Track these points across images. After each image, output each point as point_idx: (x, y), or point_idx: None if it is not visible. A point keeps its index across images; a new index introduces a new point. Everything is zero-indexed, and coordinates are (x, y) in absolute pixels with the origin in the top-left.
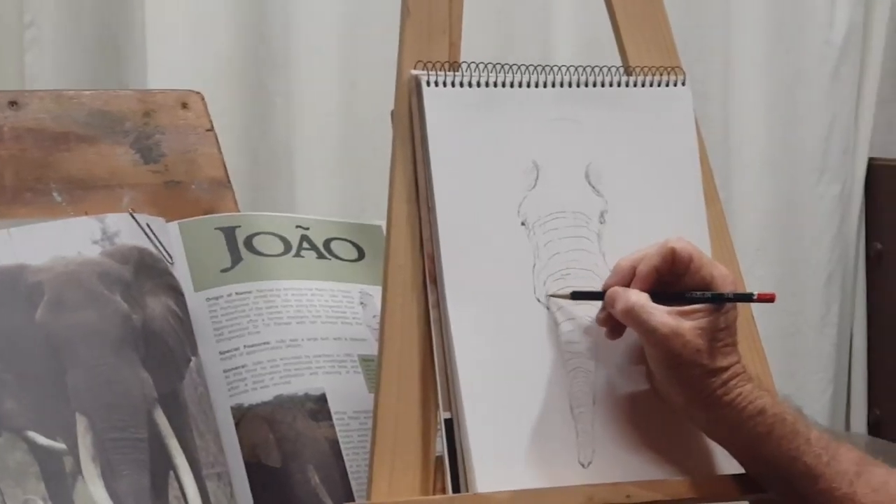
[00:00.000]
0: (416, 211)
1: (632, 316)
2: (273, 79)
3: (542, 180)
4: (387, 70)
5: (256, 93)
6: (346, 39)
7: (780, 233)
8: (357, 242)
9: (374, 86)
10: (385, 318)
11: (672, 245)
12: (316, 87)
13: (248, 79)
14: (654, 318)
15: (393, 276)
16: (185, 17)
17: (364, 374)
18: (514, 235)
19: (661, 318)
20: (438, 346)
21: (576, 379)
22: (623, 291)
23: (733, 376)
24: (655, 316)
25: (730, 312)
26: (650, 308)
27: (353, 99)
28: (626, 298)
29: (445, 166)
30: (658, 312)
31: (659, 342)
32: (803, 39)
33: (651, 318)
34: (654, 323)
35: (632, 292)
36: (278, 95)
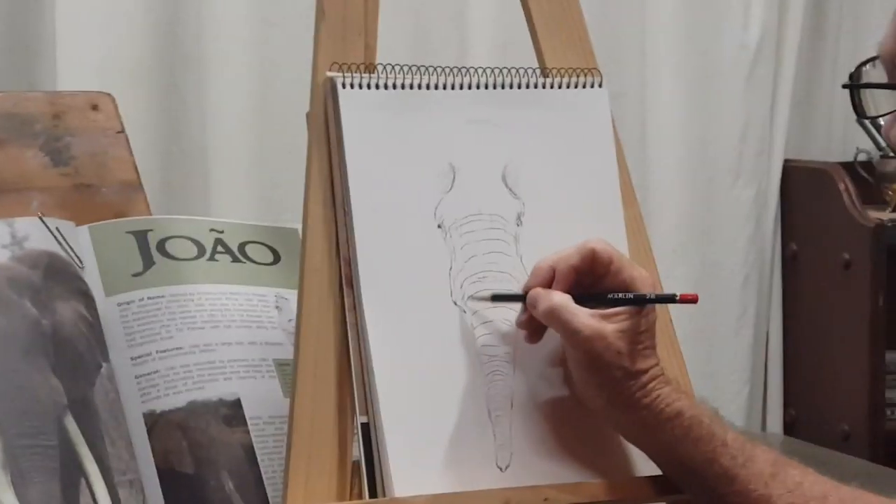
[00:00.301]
0: (332, 214)
1: (554, 317)
2: (186, 79)
3: (459, 182)
4: (302, 71)
5: (169, 93)
6: (261, 40)
7: (697, 234)
8: (272, 246)
9: (290, 86)
10: (301, 321)
11: (592, 245)
12: (230, 87)
13: (160, 79)
14: (577, 319)
15: (309, 279)
16: (96, 17)
17: (279, 378)
18: (430, 238)
19: (584, 319)
20: (355, 350)
21: (493, 382)
22: (545, 292)
23: (652, 379)
24: (578, 317)
25: (650, 315)
26: (573, 309)
27: (268, 100)
28: (548, 299)
29: (361, 169)
30: (581, 314)
31: (581, 344)
32: (718, 41)
33: (574, 319)
34: (577, 324)
35: (554, 293)
36: (191, 96)
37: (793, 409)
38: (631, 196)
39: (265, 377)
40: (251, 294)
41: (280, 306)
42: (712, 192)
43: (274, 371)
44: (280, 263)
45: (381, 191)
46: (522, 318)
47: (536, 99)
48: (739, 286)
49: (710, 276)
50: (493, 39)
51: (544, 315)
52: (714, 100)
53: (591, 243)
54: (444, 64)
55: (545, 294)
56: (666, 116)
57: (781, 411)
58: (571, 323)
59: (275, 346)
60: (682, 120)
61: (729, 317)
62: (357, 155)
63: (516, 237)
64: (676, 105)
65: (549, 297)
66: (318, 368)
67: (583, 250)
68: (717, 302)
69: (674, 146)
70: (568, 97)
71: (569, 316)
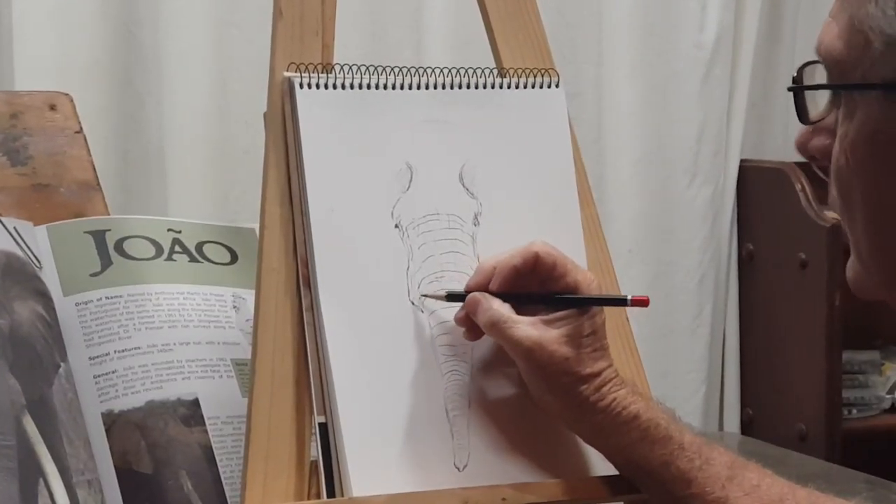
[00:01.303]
0: (289, 214)
1: (494, 329)
2: (143, 79)
3: (416, 182)
4: (260, 70)
5: (126, 93)
6: (218, 39)
7: (653, 234)
8: (230, 245)
9: (247, 86)
10: (258, 321)
11: (535, 249)
12: (188, 87)
13: (117, 78)
14: (517, 331)
15: (266, 279)
16: (53, 16)
17: (237, 378)
18: (388, 238)
19: (524, 330)
20: (312, 350)
21: (451, 382)
22: (485, 301)
23: (605, 382)
24: (519, 329)
25: (596, 316)
26: (512, 321)
27: (226, 99)
28: (488, 312)
29: (319, 169)
30: (521, 325)
31: (524, 354)
32: (675, 41)
33: (514, 331)
34: (517, 336)
35: (494, 302)
36: (149, 95)
37: (750, 408)
38: (588, 196)
39: (223, 377)
40: (209, 294)
41: (238, 306)
42: (669, 192)
43: (232, 371)
44: (237, 263)
45: (338, 190)
46: (460, 316)
47: (493, 99)
48: (696, 286)
49: (666, 276)
50: (451, 39)
51: (484, 327)
52: (670, 100)
53: (535, 247)
54: (401, 64)
55: (485, 303)
56: (622, 116)
57: (738, 411)
58: (512, 335)
59: (233, 345)
60: (638, 120)
61: (685, 316)
62: (314, 155)
63: (473, 237)
64: (633, 105)
65: (489, 310)
66: (275, 368)
67: (526, 253)
68: (674, 301)
69: (630, 146)
70: (525, 97)
71: (507, 329)
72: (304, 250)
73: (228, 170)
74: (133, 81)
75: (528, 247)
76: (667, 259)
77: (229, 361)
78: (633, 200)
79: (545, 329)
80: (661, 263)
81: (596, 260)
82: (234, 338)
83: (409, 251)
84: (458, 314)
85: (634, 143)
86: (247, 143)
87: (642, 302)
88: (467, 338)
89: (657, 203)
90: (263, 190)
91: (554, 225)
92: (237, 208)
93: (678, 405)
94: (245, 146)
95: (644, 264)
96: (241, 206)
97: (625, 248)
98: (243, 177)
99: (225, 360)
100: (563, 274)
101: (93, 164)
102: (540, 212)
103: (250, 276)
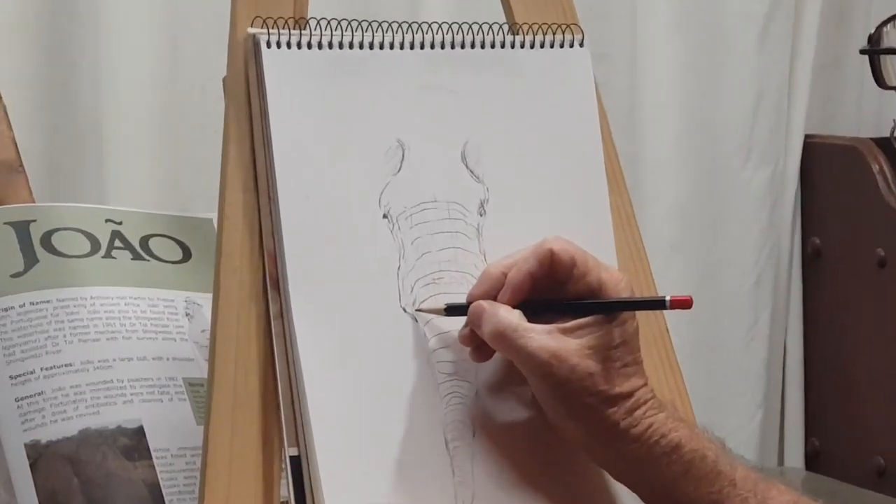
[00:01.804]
0: (254, 201)
1: (502, 340)
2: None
3: (409, 163)
4: (218, 27)
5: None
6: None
7: (699, 226)
8: (182, 240)
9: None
10: (217, 332)
11: (549, 246)
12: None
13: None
14: (530, 341)
15: (226, 280)
16: None
17: (191, 401)
18: (374, 231)
19: (538, 340)
20: (283, 368)
21: (451, 406)
22: (490, 308)
23: (639, 404)
24: (532, 339)
25: (627, 324)
26: (524, 329)
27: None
28: (493, 319)
29: (290, 146)
30: (535, 334)
31: (539, 370)
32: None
33: (526, 341)
34: (530, 347)
35: (500, 308)
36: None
37: (816, 438)
38: (618, 180)
39: (173, 400)
40: (156, 299)
41: (191, 313)
42: (717, 176)
43: (184, 393)
44: (191, 261)
45: (313, 173)
46: (464, 333)
47: (503, 61)
48: (750, 289)
49: (714, 277)
50: None
51: (490, 338)
52: (719, 63)
53: (549, 243)
54: (391, 18)
55: (490, 310)
56: (661, 83)
57: (802, 441)
58: (524, 346)
59: (185, 362)
60: (680, 87)
61: (738, 326)
62: (285, 129)
63: (479, 229)
64: (673, 69)
65: (495, 316)
66: (237, 390)
67: (540, 253)
68: (724, 308)
69: (670, 119)
70: (542, 58)
71: (519, 338)
72: (273, 246)
73: (179, 148)
74: (63, 40)
75: (540, 245)
76: (715, 256)
77: (181, 381)
78: (673, 185)
79: (564, 339)
80: (708, 262)
81: (629, 257)
82: (186, 352)
83: (401, 247)
84: (462, 331)
85: (675, 115)
86: (202, 114)
87: (684, 303)
88: (474, 359)
89: (703, 188)
90: (222, 172)
91: (577, 215)
92: (190, 194)
93: (729, 434)
94: (199, 118)
95: (687, 263)
96: (194, 191)
97: (664, 244)
98: (198, 156)
99: (176, 380)
100: (584, 273)
101: (14, 142)
102: (560, 199)
103: (207, 277)
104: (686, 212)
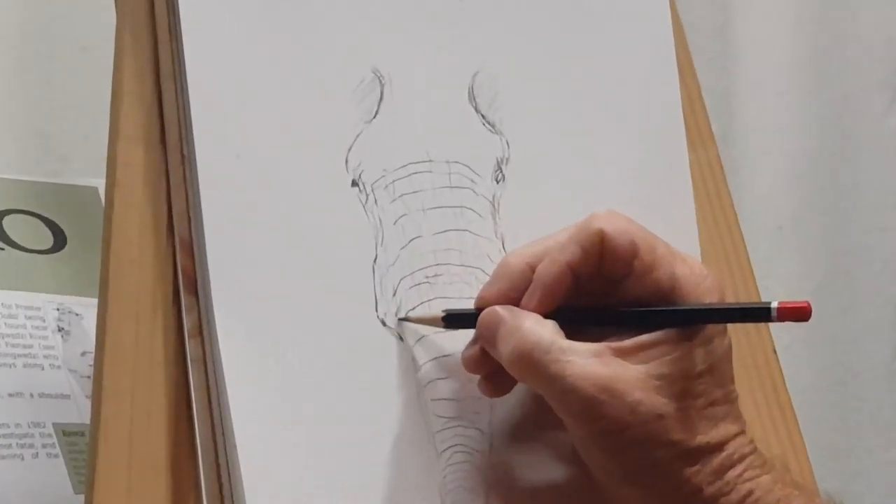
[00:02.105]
0: (160, 161)
1: (527, 366)
2: None
3: (391, 104)
4: None
5: None
6: None
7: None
8: (52, 218)
9: None
10: (104, 357)
11: (599, 226)
12: None
13: None
14: (569, 367)
15: (119, 280)
16: None
17: (66, 459)
18: (338, 206)
19: (582, 366)
20: (202, 411)
21: (453, 465)
22: (511, 317)
23: (733, 461)
24: (573, 364)
25: (715, 342)
26: (560, 350)
27: None
28: (515, 335)
29: (214, 81)
30: (577, 357)
31: (583, 410)
32: None
33: (564, 367)
34: (570, 376)
35: (526, 319)
36: None
37: None
38: (704, 130)
39: (39, 457)
40: (14, 306)
41: (66, 328)
42: (848, 125)
43: (56, 446)
44: (66, 250)
45: (248, 121)
46: (471, 353)
47: None
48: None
49: (843, 275)
50: None
51: (510, 362)
52: None
53: (598, 221)
54: None
55: (510, 322)
56: None
57: None
58: (560, 375)
59: (57, 400)
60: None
61: (878, 347)
62: (205, 57)
63: (495, 202)
64: None
65: (517, 329)
66: (135, 442)
67: (584, 235)
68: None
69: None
70: None
71: (553, 361)
72: (188, 229)
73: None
74: None
75: (586, 224)
76: (846, 243)
77: (50, 429)
78: (786, 139)
79: (621, 364)
80: (835, 251)
81: (716, 241)
82: (58, 386)
83: (378, 229)
84: (467, 351)
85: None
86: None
87: (799, 312)
88: (486, 392)
89: (827, 144)
90: (112, 120)
91: (641, 181)
92: (64, 152)
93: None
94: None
95: (804, 253)
96: (71, 147)
97: (772, 224)
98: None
99: (42, 426)
100: (651, 266)
101: None
102: (615, 157)
103: (89, 275)
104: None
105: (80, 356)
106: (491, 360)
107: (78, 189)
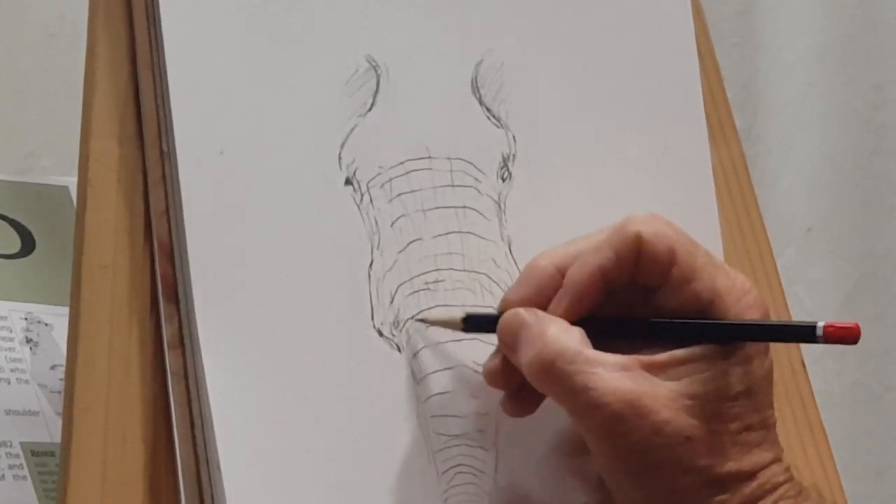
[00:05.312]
0: (136, 158)
1: (549, 375)
2: None
3: (387, 95)
4: None
5: None
6: None
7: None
8: (19, 220)
9: None
10: (77, 371)
11: (636, 228)
12: None
13: None
14: (594, 379)
15: (92, 287)
16: None
17: (34, 479)
18: (331, 206)
19: (608, 379)
20: (183, 428)
21: (456, 488)
22: (535, 322)
23: (765, 490)
24: (598, 376)
25: (754, 361)
26: (585, 360)
27: None
28: (539, 341)
29: (196, 71)
30: (603, 369)
31: (606, 426)
32: None
33: (588, 379)
34: (594, 389)
35: (551, 325)
36: None
37: None
38: (728, 124)
39: (5, 478)
40: None
41: (34, 339)
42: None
43: (23, 467)
44: (34, 255)
45: (232, 113)
46: (491, 365)
47: None
48: None
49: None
50: None
51: (531, 369)
52: None
53: (635, 223)
54: None
55: (535, 327)
56: None
57: None
58: (584, 387)
59: (25, 417)
60: None
61: None
62: (185, 44)
63: (501, 203)
64: None
65: (542, 335)
66: (109, 462)
67: (620, 238)
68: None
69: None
70: None
71: (577, 372)
72: (167, 231)
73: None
74: None
75: (622, 226)
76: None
77: (18, 448)
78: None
79: (650, 380)
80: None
81: (741, 247)
82: (26, 402)
83: (373, 231)
84: (490, 362)
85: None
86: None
87: (847, 334)
88: (508, 410)
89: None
90: (85, 112)
91: (659, 179)
92: (32, 148)
93: None
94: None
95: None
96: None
97: (799, 225)
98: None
99: (9, 446)
100: (690, 275)
101: None
102: (630, 153)
103: (60, 281)
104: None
105: (50, 370)
106: (516, 373)
107: (47, 188)
